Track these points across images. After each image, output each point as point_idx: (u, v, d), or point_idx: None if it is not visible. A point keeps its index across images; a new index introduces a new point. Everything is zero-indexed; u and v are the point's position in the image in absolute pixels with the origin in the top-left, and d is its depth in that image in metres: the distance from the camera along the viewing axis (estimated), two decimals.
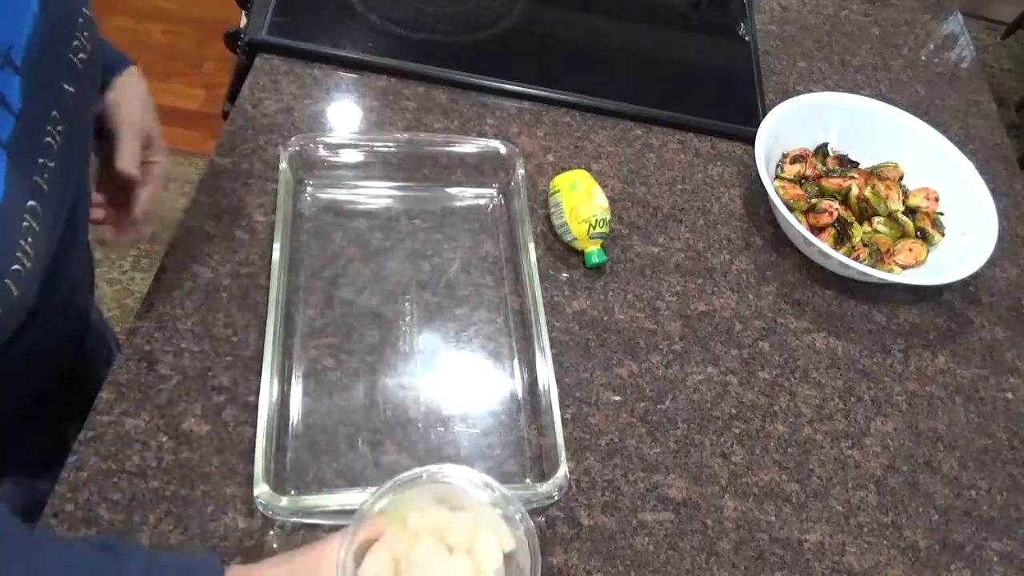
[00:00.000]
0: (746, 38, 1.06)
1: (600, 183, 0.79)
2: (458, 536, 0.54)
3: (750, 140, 0.86)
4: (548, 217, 0.79)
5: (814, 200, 0.86)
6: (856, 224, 0.85)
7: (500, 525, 0.55)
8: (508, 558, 0.55)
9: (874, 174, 0.90)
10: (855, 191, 0.86)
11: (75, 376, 0.69)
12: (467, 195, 0.81)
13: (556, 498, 0.61)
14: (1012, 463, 0.75)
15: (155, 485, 0.58)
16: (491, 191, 0.81)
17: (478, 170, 0.80)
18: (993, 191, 0.86)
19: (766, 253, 0.85)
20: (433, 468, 0.55)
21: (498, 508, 0.55)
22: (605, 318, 0.75)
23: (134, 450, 0.59)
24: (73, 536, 0.55)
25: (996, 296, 0.88)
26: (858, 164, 0.92)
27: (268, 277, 0.69)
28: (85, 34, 0.51)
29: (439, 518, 0.55)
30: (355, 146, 0.78)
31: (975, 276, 0.81)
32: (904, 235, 0.86)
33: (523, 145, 0.86)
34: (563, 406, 0.68)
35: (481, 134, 0.85)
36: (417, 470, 0.55)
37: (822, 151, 0.92)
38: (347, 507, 0.58)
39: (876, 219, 0.86)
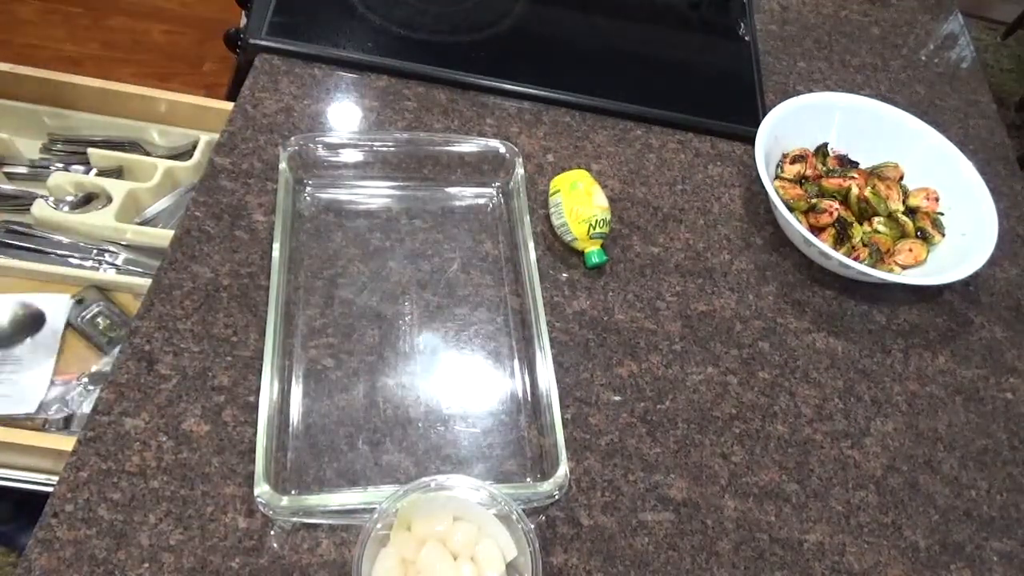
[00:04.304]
0: (746, 38, 1.06)
1: (600, 183, 0.79)
2: (461, 543, 0.55)
3: (750, 140, 0.86)
4: (548, 217, 0.79)
5: (814, 200, 0.86)
6: (856, 224, 0.85)
7: (502, 533, 0.55)
8: (509, 564, 0.55)
9: (874, 174, 0.90)
10: (855, 191, 0.86)
11: None
12: (467, 195, 0.81)
13: (557, 497, 0.61)
14: (1012, 463, 0.75)
15: (155, 485, 0.58)
16: (491, 191, 0.81)
17: (478, 170, 0.80)
18: (993, 191, 0.86)
19: (766, 253, 0.85)
20: (441, 478, 0.56)
21: (494, 511, 0.56)
22: (605, 318, 0.75)
23: (134, 450, 0.59)
24: (73, 536, 0.55)
25: (996, 296, 0.88)
26: (858, 164, 0.92)
27: (268, 277, 0.69)
28: None
29: (443, 525, 0.55)
30: (355, 146, 0.78)
31: (975, 276, 0.81)
32: (904, 235, 0.86)
33: (523, 145, 0.86)
34: (563, 406, 0.68)
35: (481, 134, 0.85)
36: (425, 479, 0.55)
37: (822, 151, 0.92)
38: (348, 506, 0.58)
39: (876, 219, 0.86)
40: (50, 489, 0.57)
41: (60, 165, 1.06)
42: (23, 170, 1.05)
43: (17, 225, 0.97)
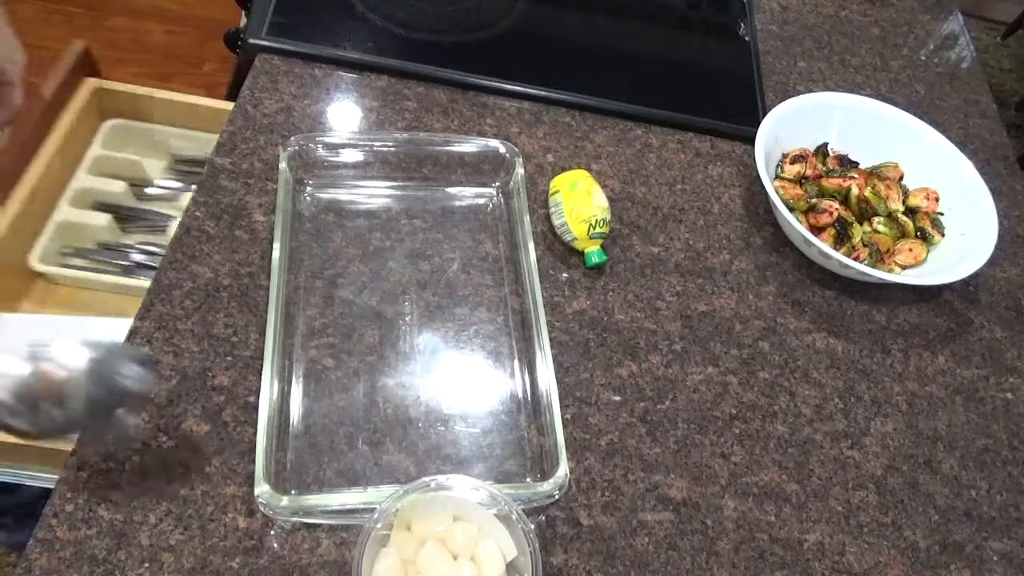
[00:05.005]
0: (746, 38, 1.06)
1: (600, 183, 0.79)
2: (461, 543, 0.55)
3: (750, 140, 0.86)
4: (548, 217, 0.79)
5: (814, 200, 0.86)
6: (856, 224, 0.85)
7: (502, 533, 0.55)
8: (510, 564, 0.55)
9: (874, 174, 0.90)
10: (855, 191, 0.86)
11: None
12: (467, 195, 0.81)
13: (557, 497, 0.61)
14: (1012, 463, 0.75)
15: (155, 485, 0.58)
16: (491, 191, 0.81)
17: (478, 170, 0.80)
18: (993, 191, 0.86)
19: (766, 253, 0.85)
20: (441, 478, 0.56)
21: (494, 511, 0.56)
22: (605, 318, 0.75)
23: (134, 450, 0.59)
24: (73, 536, 0.55)
25: (996, 296, 0.88)
26: (858, 164, 0.92)
27: (268, 277, 0.69)
28: None
29: (443, 525, 0.55)
30: (355, 146, 0.78)
31: (975, 276, 0.81)
32: (904, 235, 0.86)
33: (523, 145, 0.86)
34: (563, 406, 0.68)
35: (481, 134, 0.85)
36: (425, 479, 0.55)
37: (822, 151, 0.92)
38: (347, 506, 0.58)
39: (876, 219, 0.86)
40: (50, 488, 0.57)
41: (192, 186, 1.06)
42: (154, 191, 1.07)
43: (152, 246, 0.98)
